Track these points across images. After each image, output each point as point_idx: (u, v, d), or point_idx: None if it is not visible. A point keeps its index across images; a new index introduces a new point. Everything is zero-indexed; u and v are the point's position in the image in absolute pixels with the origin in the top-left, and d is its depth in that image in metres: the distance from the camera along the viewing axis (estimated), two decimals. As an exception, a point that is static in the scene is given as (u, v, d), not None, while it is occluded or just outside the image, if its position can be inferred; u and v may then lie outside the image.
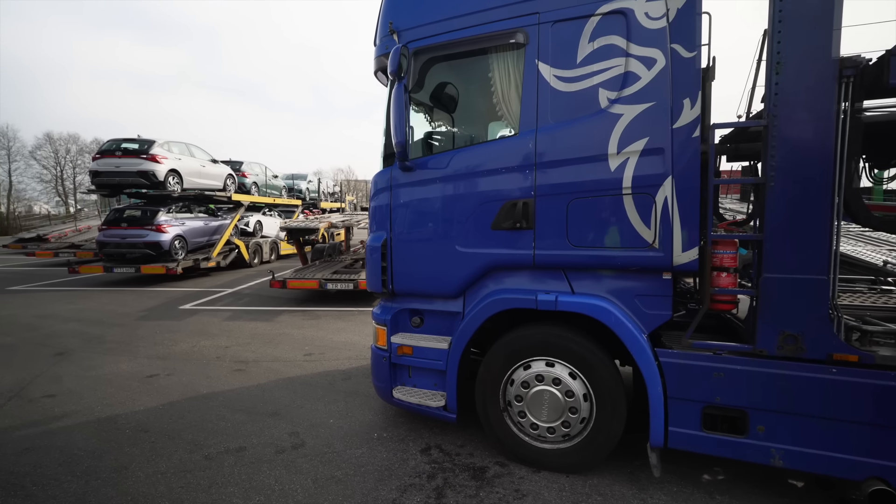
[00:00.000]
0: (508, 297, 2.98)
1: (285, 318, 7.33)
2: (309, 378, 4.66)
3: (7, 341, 6.04)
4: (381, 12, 3.32)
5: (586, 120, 2.74)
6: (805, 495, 2.70)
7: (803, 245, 2.37)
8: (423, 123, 3.64)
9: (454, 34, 3.05)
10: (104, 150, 11.11)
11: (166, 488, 2.78)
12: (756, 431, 2.51)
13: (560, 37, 2.79)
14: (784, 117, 2.35)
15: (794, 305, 2.40)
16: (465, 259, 3.08)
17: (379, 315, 3.49)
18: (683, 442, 2.66)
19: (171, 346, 5.83)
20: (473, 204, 3.03)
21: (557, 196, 2.81)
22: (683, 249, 2.59)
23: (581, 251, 2.80)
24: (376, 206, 3.40)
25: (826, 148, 2.30)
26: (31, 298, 9.19)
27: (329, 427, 3.59)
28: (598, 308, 2.77)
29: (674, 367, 2.63)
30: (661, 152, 2.59)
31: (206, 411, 3.87)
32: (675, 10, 2.55)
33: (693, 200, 2.56)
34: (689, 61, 2.54)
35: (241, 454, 3.18)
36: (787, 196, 2.37)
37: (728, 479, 2.87)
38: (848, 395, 2.33)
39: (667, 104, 2.57)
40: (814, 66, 2.28)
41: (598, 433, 2.84)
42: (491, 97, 3.12)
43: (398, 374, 3.44)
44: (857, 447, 2.34)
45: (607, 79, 2.70)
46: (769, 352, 2.47)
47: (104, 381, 4.57)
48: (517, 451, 3.04)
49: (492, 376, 3.06)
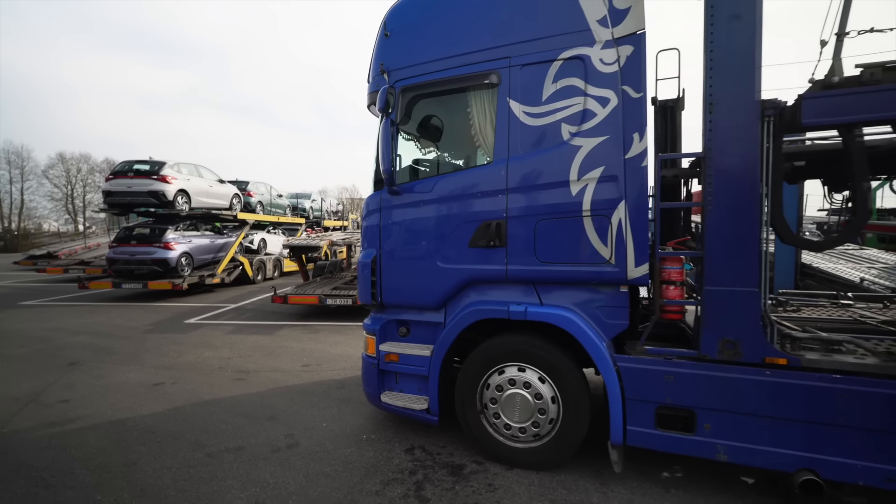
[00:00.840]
0: (483, 308, 3.30)
1: (286, 332, 7.64)
2: (306, 387, 4.95)
3: (21, 352, 6.37)
4: (374, 53, 3.73)
5: (551, 151, 3.10)
6: (754, 491, 2.95)
7: (737, 261, 2.69)
8: (410, 151, 4.01)
9: (437, 74, 3.45)
10: (117, 171, 11.62)
11: (171, 480, 3.06)
12: (703, 429, 2.79)
13: (528, 78, 3.18)
14: (717, 150, 2.70)
15: (732, 315, 2.71)
16: (445, 274, 3.41)
17: (369, 325, 3.81)
18: (640, 440, 2.93)
19: (176, 357, 6.14)
20: (453, 224, 3.37)
21: (526, 217, 3.16)
22: (636, 265, 2.91)
23: (547, 267, 3.13)
24: (367, 225, 3.75)
25: (753, 176, 2.64)
26: (42, 312, 9.55)
27: (322, 430, 3.87)
28: (563, 318, 3.08)
29: (630, 371, 2.93)
30: (615, 179, 2.94)
31: (208, 415, 4.16)
32: (625, 57, 2.93)
33: (643, 221, 2.90)
34: (637, 101, 2.91)
35: (239, 452, 3.46)
36: (722, 218, 2.70)
37: (685, 476, 3.12)
38: (779, 395, 2.61)
39: (619, 137, 2.93)
40: (740, 107, 2.64)
41: (565, 433, 3.12)
42: (469, 129, 3.50)
43: (386, 380, 3.73)
44: (788, 442, 2.61)
45: (568, 115, 3.07)
46: (711, 356, 2.76)
47: (113, 389, 4.87)
48: (492, 450, 3.31)
49: (469, 381, 3.35)
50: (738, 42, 2.62)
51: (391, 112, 3.40)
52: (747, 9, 2.60)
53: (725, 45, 2.64)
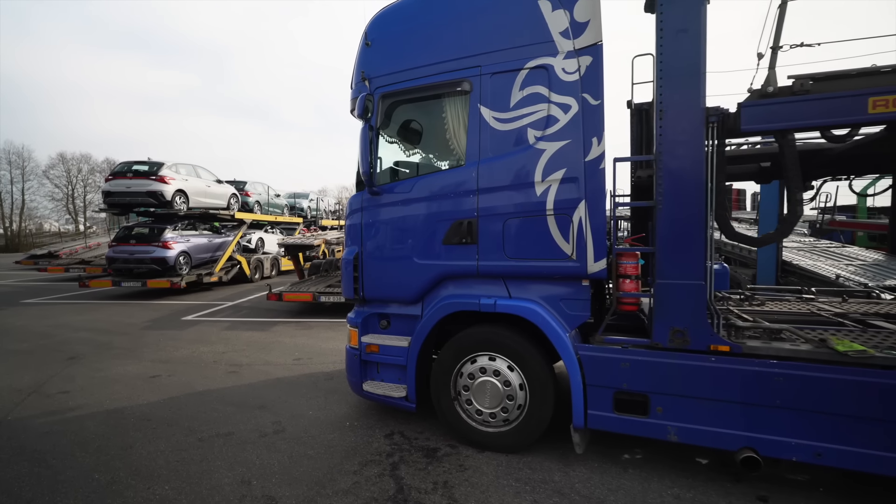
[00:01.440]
0: (456, 301, 3.52)
1: (279, 328, 7.87)
2: (295, 379, 5.18)
3: (24, 347, 6.60)
4: (356, 62, 3.95)
5: (517, 154, 3.32)
6: (707, 470, 3.16)
7: (684, 256, 2.90)
8: (393, 153, 4.23)
9: (415, 81, 3.67)
10: (116, 172, 11.86)
11: (164, 462, 3.29)
12: (656, 412, 3.01)
13: (497, 85, 3.40)
14: (667, 153, 2.92)
15: (680, 306, 2.93)
16: (422, 269, 3.64)
17: (352, 319, 4.03)
18: (600, 423, 3.15)
19: (172, 351, 6.37)
20: (428, 223, 3.60)
21: (495, 216, 3.37)
22: (595, 260, 3.13)
23: (515, 262, 3.35)
24: (350, 224, 3.98)
25: (699, 177, 2.86)
26: (44, 310, 9.79)
27: (308, 417, 4.09)
28: (529, 310, 3.30)
29: (589, 359, 3.15)
30: (576, 180, 3.16)
31: (201, 405, 4.39)
32: (585, 67, 3.15)
33: (601, 220, 3.12)
34: (595, 107, 3.13)
35: (229, 437, 3.69)
36: (671, 216, 2.92)
37: (644, 457, 3.34)
38: (723, 379, 2.83)
39: (580, 141, 3.15)
40: (687, 114, 2.86)
41: (531, 418, 3.34)
42: (444, 133, 3.72)
43: (368, 370, 3.96)
44: (731, 422, 2.82)
45: (534, 120, 3.29)
46: (663, 344, 2.98)
47: (112, 381, 5.10)
48: (465, 435, 3.53)
49: (444, 369, 3.57)
50: (685, 54, 2.84)
51: (370, 117, 3.62)
52: (693, 23, 2.82)
53: (673, 57, 2.86)
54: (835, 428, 2.61)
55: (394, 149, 4.27)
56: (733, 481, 3.01)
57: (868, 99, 2.45)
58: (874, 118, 2.50)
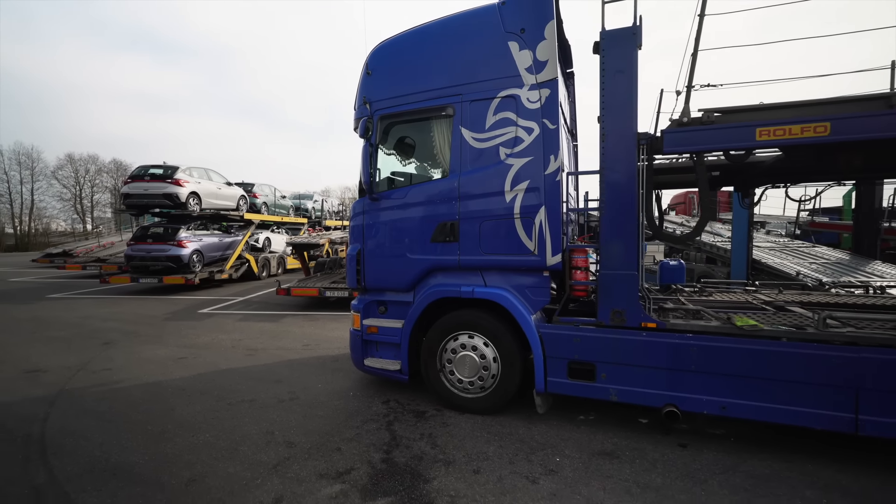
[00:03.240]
0: (441, 289, 4.24)
1: (289, 320, 8.61)
2: (305, 360, 5.92)
3: (61, 335, 7.37)
4: (358, 87, 4.67)
5: (491, 168, 4.04)
6: (645, 428, 3.86)
7: (621, 251, 3.62)
8: (389, 165, 4.95)
9: (408, 105, 4.40)
10: (134, 175, 12.64)
11: (202, 419, 4.03)
12: (601, 377, 3.72)
13: (475, 111, 4.12)
14: (608, 168, 3.63)
15: (618, 291, 3.64)
16: (413, 263, 4.36)
17: (356, 305, 4.76)
18: (557, 388, 3.86)
19: (194, 338, 7.12)
20: (419, 224, 4.32)
21: (473, 219, 4.09)
22: (552, 255, 3.84)
23: (489, 257, 4.07)
24: (353, 225, 4.71)
25: (632, 187, 3.57)
26: (70, 304, 10.57)
27: (317, 389, 4.83)
28: (501, 296, 4.02)
29: (548, 335, 3.86)
30: (538, 190, 3.87)
31: (226, 379, 5.13)
32: (545, 98, 3.86)
33: (557, 222, 3.83)
34: (553, 131, 3.85)
35: (252, 403, 4.42)
36: (611, 218, 3.63)
37: (596, 419, 4.04)
38: (651, 350, 3.54)
39: (540, 158, 3.87)
40: (624, 136, 3.57)
41: (503, 385, 4.05)
42: (432, 149, 4.45)
43: (368, 348, 4.69)
44: (658, 384, 3.53)
45: (504, 140, 4.00)
46: (606, 323, 3.69)
47: (146, 361, 5.86)
48: (449, 400, 4.25)
49: (431, 346, 4.29)
50: (622, 90, 3.55)
51: (370, 136, 4.35)
52: (628, 66, 3.53)
53: (612, 92, 3.57)
54: (735, 386, 3.32)
55: (391, 160, 5.00)
56: (663, 434, 3.72)
57: (755, 129, 3.16)
58: (760, 144, 3.20)
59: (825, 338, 3.13)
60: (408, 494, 2.88)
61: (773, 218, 19.71)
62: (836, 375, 3.06)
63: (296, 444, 3.56)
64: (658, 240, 4.26)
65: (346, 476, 3.09)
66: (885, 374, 2.96)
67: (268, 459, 3.32)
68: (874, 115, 2.93)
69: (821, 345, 3.11)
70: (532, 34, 3.87)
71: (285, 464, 3.25)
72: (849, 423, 3.05)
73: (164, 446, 3.53)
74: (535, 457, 3.36)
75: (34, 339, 7.09)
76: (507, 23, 3.96)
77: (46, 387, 4.89)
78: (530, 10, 3.89)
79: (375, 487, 2.95)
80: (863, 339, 3.06)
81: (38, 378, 5.20)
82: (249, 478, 3.07)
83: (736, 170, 4.94)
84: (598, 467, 3.21)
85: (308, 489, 2.93)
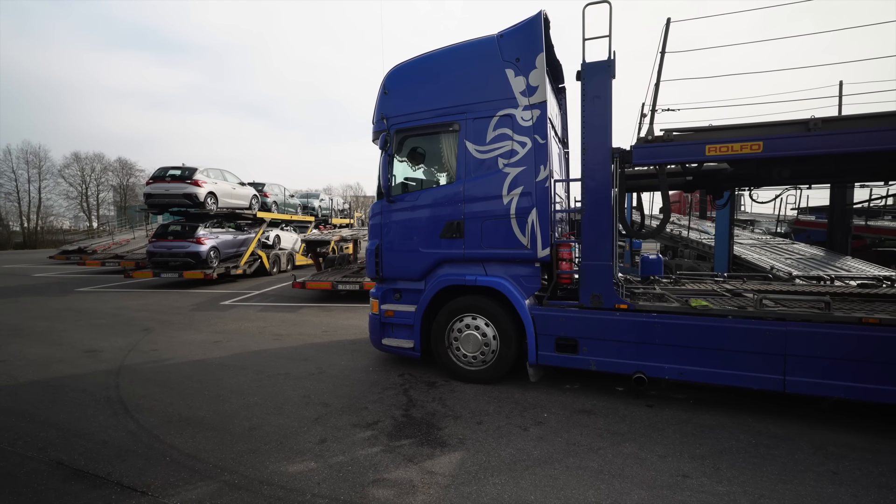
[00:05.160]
0: (449, 278, 4.99)
1: (306, 311, 9.38)
2: (327, 343, 6.68)
3: (102, 322, 8.15)
4: (376, 105, 5.40)
5: (490, 175, 4.78)
6: (620, 394, 4.62)
7: (598, 245, 4.36)
8: (403, 172, 5.69)
9: (420, 121, 5.14)
10: (156, 177, 13.41)
11: (248, 386, 4.80)
12: (582, 351, 4.47)
13: (477, 127, 4.86)
14: (587, 176, 4.37)
15: (596, 278, 4.39)
16: (424, 256, 5.11)
17: (374, 293, 5.52)
18: (546, 360, 4.61)
19: (223, 326, 7.89)
20: (429, 223, 5.06)
21: (476, 218, 4.84)
22: (542, 249, 4.59)
23: (490, 250, 4.82)
24: (372, 224, 5.46)
25: (607, 192, 4.30)
26: (100, 296, 11.35)
27: (341, 365, 5.59)
28: (499, 283, 4.77)
29: (539, 316, 4.61)
30: (530, 194, 4.62)
31: (260, 358, 5.89)
32: (536, 117, 4.60)
33: (546, 221, 4.57)
34: (543, 145, 4.59)
35: (287, 375, 5.18)
36: (591, 218, 4.38)
37: (580, 387, 4.79)
38: (623, 327, 4.28)
39: (532, 168, 4.61)
40: (601, 150, 4.30)
41: (501, 359, 4.81)
42: (441, 158, 5.20)
43: (385, 329, 5.45)
44: (628, 355, 4.27)
45: (502, 152, 4.74)
46: (586, 305, 4.44)
47: (186, 344, 6.62)
48: (455, 372, 5.01)
49: (440, 327, 5.05)
50: (599, 112, 4.28)
51: (388, 147, 5.10)
52: (604, 92, 4.26)
53: (591, 114, 4.31)
54: (690, 355, 4.06)
55: (405, 168, 5.74)
56: (635, 398, 4.48)
57: (705, 146, 3.90)
58: (709, 158, 3.94)
59: (760, 314, 3.88)
60: (425, 437, 3.64)
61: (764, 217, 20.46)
62: (768, 345, 3.81)
63: (330, 405, 4.32)
64: (627, 236, 5.01)
65: (375, 426, 3.85)
66: (806, 343, 3.71)
67: (309, 414, 4.08)
68: (795, 136, 3.67)
69: (756, 320, 3.86)
70: (525, 63, 4.61)
71: (324, 418, 4.02)
72: (778, 383, 3.80)
73: (222, 405, 4.29)
74: (527, 413, 4.11)
75: (81, 326, 7.86)
76: (504, 53, 4.70)
77: (107, 363, 5.66)
78: (524, 42, 4.62)
79: (399, 433, 3.72)
80: (789, 316, 3.81)
81: (98, 356, 5.97)
82: (297, 426, 3.83)
83: (705, 175, 5.69)
84: (578, 420, 3.97)
85: (345, 434, 3.70)
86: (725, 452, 3.36)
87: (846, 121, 3.76)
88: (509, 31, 4.73)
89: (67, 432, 3.72)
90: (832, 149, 3.62)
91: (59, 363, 5.68)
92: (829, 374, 3.66)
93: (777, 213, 13.62)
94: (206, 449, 3.43)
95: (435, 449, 3.43)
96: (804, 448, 3.41)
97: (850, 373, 3.61)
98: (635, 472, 3.10)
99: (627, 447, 3.46)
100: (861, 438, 3.55)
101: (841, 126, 3.73)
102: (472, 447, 3.46)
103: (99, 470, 3.12)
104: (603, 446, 3.47)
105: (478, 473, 3.08)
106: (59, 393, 4.64)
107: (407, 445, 3.49)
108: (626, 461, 3.25)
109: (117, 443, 3.53)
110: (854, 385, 3.60)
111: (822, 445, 3.44)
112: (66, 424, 3.87)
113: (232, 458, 3.27)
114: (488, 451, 3.40)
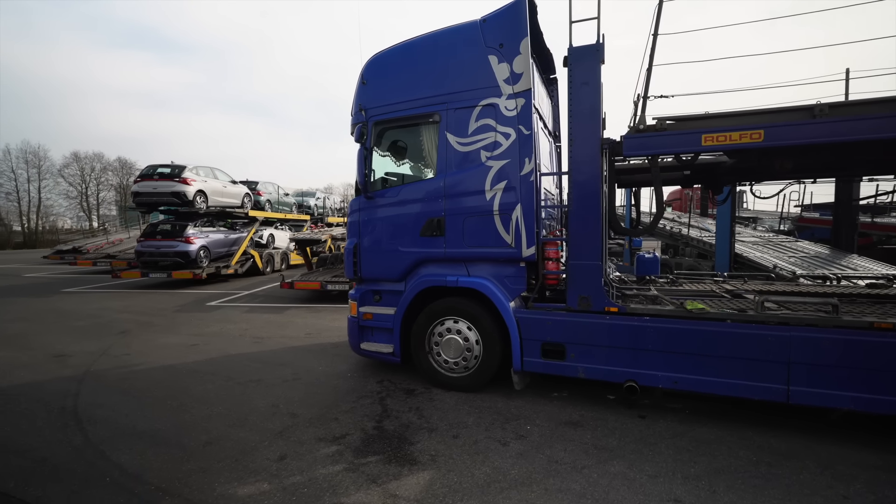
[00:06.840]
0: (429, 278, 4.69)
1: (292, 312, 9.09)
2: (308, 347, 6.39)
3: (80, 325, 7.88)
4: (355, 96, 5.10)
5: (473, 169, 4.47)
6: (611, 403, 4.31)
7: (586, 244, 4.05)
8: (382, 166, 5.38)
9: (399, 112, 4.83)
10: (144, 175, 13.14)
11: (215, 395, 4.50)
12: (570, 357, 4.16)
13: (459, 117, 4.54)
14: (576, 169, 4.06)
15: (584, 279, 4.08)
16: (404, 256, 4.80)
17: (353, 294, 5.22)
18: (531, 366, 4.30)
19: (204, 328, 7.61)
20: (409, 220, 4.76)
21: (457, 215, 4.53)
22: (527, 247, 4.28)
23: (472, 249, 4.51)
24: (351, 221, 5.16)
25: (596, 186, 3.99)
26: (85, 297, 11.10)
27: (318, 371, 5.29)
28: (482, 285, 4.46)
29: (524, 319, 4.30)
30: (514, 189, 4.30)
31: (235, 363, 5.61)
32: (521, 106, 4.28)
33: (531, 218, 4.26)
34: (528, 136, 4.27)
35: (259, 382, 4.89)
36: (578, 214, 4.06)
37: (569, 395, 4.49)
38: (614, 331, 3.97)
39: (517, 161, 4.29)
40: (589, 142, 3.99)
41: (484, 365, 4.50)
42: (421, 152, 4.89)
43: (364, 333, 5.15)
44: (619, 362, 3.97)
45: (485, 144, 4.43)
46: (574, 308, 4.13)
47: (161, 347, 6.34)
48: (436, 379, 4.71)
49: (420, 330, 4.74)
50: (587, 99, 3.97)
51: (365, 140, 4.79)
52: (593, 78, 3.95)
53: (579, 102, 3.99)
54: (685, 363, 3.75)
55: (385, 162, 5.43)
56: (626, 407, 4.16)
57: (701, 135, 3.58)
58: (706, 148, 3.62)
59: (761, 318, 3.56)
60: (394, 453, 3.34)
61: (767, 214, 20.07)
62: (771, 351, 3.49)
63: (298, 415, 4.02)
64: (616, 233, 4.69)
65: (342, 440, 3.56)
66: (812, 349, 3.39)
67: (273, 427, 3.79)
68: (800, 124, 3.34)
69: (757, 325, 3.54)
70: (509, 49, 4.29)
71: (289, 430, 3.72)
72: (781, 393, 3.48)
73: (183, 416, 4.00)
74: (508, 425, 3.81)
75: (57, 329, 7.60)
76: (487, 38, 4.38)
77: (73, 368, 5.39)
78: (508, 27, 4.30)
79: (366, 448, 3.42)
80: (793, 320, 3.49)
81: (65, 361, 5.70)
82: (258, 441, 3.54)
83: (703, 168, 5.36)
84: (563, 433, 3.66)
85: (308, 449, 3.40)
86: (722, 472, 3.05)
87: (856, 106, 3.43)
88: (492, 15, 4.41)
89: (6, 449, 3.44)
90: (840, 137, 3.29)
91: (23, 369, 5.40)
92: (838, 383, 3.34)
93: (780, 210, 13.23)
94: (153, 468, 3.13)
95: (403, 468, 3.13)
96: (810, 467, 3.09)
97: (861, 382, 3.29)
98: (622, 495, 2.79)
99: (615, 465, 3.15)
100: (873, 455, 3.23)
101: (850, 112, 3.41)
102: (444, 465, 3.16)
103: (27, 494, 2.83)
104: (588, 464, 3.16)
105: (445, 497, 2.78)
106: (12, 403, 4.36)
107: (373, 463, 3.19)
108: (613, 482, 2.94)
109: (57, 460, 3.24)
110: (865, 396, 3.28)
111: (829, 464, 3.13)
112: (8, 439, 3.59)
113: (178, 479, 2.98)
114: (461, 470, 3.09)
